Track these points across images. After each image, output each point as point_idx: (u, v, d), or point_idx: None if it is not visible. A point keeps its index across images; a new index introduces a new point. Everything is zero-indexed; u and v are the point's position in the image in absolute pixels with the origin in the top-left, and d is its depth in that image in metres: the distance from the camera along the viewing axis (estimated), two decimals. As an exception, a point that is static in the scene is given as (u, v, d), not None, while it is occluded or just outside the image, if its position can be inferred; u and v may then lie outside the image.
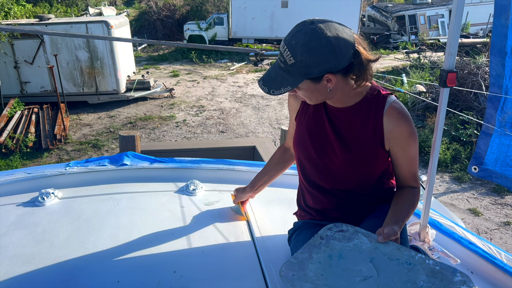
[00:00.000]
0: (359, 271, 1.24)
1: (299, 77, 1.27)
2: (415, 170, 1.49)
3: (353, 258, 1.29)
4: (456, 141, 8.51)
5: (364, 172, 1.48)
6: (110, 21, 11.24)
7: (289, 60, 1.25)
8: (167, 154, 5.54)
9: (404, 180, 1.51)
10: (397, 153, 1.44)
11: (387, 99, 1.40)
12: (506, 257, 1.71)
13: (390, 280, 1.20)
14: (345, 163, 1.46)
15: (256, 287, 1.46)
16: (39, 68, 11.24)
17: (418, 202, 1.51)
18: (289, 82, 1.28)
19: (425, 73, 12.51)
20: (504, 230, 6.11)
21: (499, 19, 1.45)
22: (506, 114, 1.58)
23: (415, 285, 1.18)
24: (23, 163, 8.56)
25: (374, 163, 1.46)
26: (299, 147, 1.57)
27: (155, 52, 19.89)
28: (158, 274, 1.49)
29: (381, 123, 1.40)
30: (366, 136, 1.42)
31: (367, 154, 1.43)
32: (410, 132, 1.39)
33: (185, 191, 2.13)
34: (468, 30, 20.92)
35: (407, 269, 1.23)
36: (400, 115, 1.38)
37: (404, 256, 1.27)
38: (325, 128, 1.48)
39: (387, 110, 1.39)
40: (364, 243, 1.32)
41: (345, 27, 1.28)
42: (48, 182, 2.14)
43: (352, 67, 1.28)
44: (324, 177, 1.53)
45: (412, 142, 1.42)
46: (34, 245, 1.65)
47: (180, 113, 11.38)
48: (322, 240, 1.36)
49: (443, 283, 1.18)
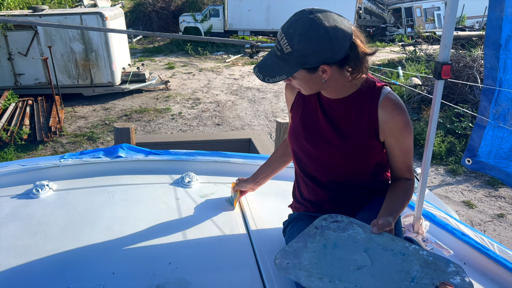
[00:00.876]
0: (353, 260, 1.25)
1: (295, 66, 1.27)
2: (409, 162, 1.50)
3: (348, 247, 1.30)
4: (451, 134, 8.54)
5: (358, 163, 1.48)
6: (105, 12, 11.14)
7: (286, 48, 1.25)
8: (162, 146, 5.54)
9: (398, 171, 1.52)
10: (392, 144, 1.45)
11: (382, 90, 1.40)
12: (499, 248, 1.73)
13: (384, 269, 1.22)
14: (339, 154, 1.47)
15: (251, 278, 1.46)
16: (33, 60, 11.14)
17: (412, 194, 1.52)
18: (285, 71, 1.28)
19: (421, 66, 12.51)
20: (497, 222, 6.16)
21: (493, 12, 1.45)
22: (500, 107, 1.58)
23: (408, 275, 1.19)
24: (17, 155, 8.52)
25: (369, 154, 1.46)
26: (293, 138, 1.58)
27: (150, 44, 19.77)
28: (153, 265, 1.50)
29: (376, 114, 1.40)
30: (360, 127, 1.42)
31: (361, 145, 1.44)
32: (405, 123, 1.39)
33: (180, 183, 2.13)
34: (464, 23, 20.92)
35: (401, 260, 1.24)
36: (395, 106, 1.38)
37: (398, 246, 1.28)
38: (319, 119, 1.49)
39: (382, 101, 1.39)
40: (359, 234, 1.33)
41: (344, 19, 1.28)
42: (42, 174, 2.14)
43: (348, 60, 1.28)
44: (318, 168, 1.54)
45: (407, 134, 1.42)
46: (28, 237, 1.65)
47: (176, 106, 11.34)
48: (317, 230, 1.37)
49: (436, 273, 1.19)
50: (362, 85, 1.41)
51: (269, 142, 6.01)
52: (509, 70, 1.48)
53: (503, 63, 1.48)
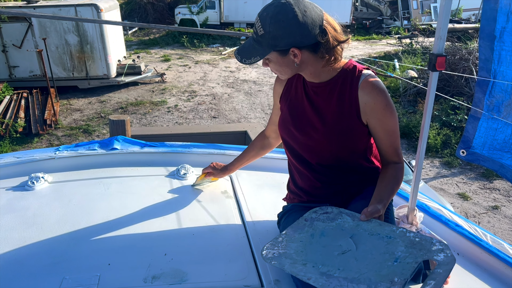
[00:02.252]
0: (338, 246, 1.28)
1: (267, 48, 1.36)
2: (396, 144, 1.52)
3: (334, 235, 1.32)
4: (446, 127, 8.57)
5: (344, 146, 1.50)
6: (100, 4, 11.05)
7: (259, 31, 1.35)
8: (158, 138, 5.52)
9: (386, 155, 1.53)
10: (375, 125, 1.47)
11: (362, 73, 1.45)
12: (492, 239, 1.74)
13: (368, 252, 1.24)
14: (324, 138, 1.50)
15: (246, 269, 1.47)
16: (27, 52, 11.06)
17: (402, 178, 1.53)
18: (259, 52, 1.38)
19: (417, 58, 12.52)
20: (492, 214, 6.21)
21: (488, 3, 1.45)
22: (494, 98, 1.59)
23: (392, 256, 1.21)
24: (13, 148, 8.49)
25: (353, 137, 1.49)
26: (282, 127, 1.62)
27: (146, 36, 19.65)
28: (149, 256, 1.50)
29: (356, 96, 1.44)
30: (342, 109, 1.46)
31: (344, 128, 1.47)
32: (386, 103, 1.42)
33: (176, 176, 2.13)
34: (460, 15, 20.91)
35: (387, 242, 1.26)
36: (374, 87, 1.42)
37: (385, 231, 1.30)
38: (304, 105, 1.53)
39: (362, 83, 1.43)
40: (347, 222, 1.36)
41: (316, 6, 1.37)
42: (37, 166, 2.13)
43: (319, 45, 1.35)
44: (308, 154, 1.56)
45: (389, 114, 1.44)
46: (24, 229, 1.65)
47: (172, 98, 11.31)
48: (306, 222, 1.40)
49: (421, 252, 1.21)
50: (343, 68, 1.46)
51: (265, 135, 6.00)
52: (503, 61, 1.48)
53: (497, 54, 1.49)
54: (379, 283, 1.13)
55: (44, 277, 1.39)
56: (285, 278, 1.43)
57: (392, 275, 1.15)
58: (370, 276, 1.16)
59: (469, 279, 1.59)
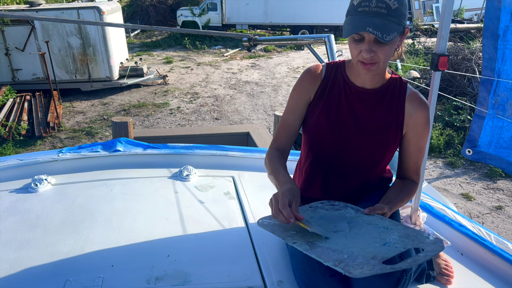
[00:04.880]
0: (334, 226, 1.30)
1: (401, 23, 1.26)
2: (420, 163, 1.52)
3: (333, 219, 1.34)
4: (449, 127, 8.55)
5: (376, 155, 1.48)
6: (102, 7, 11.08)
7: (393, 4, 1.24)
8: (160, 140, 5.53)
9: (407, 171, 1.53)
10: (410, 139, 1.47)
11: (407, 85, 1.46)
12: (496, 239, 1.74)
13: (360, 235, 1.24)
14: (362, 144, 1.45)
15: (249, 270, 1.47)
16: (30, 55, 11.09)
17: (413, 195, 1.54)
18: (395, 28, 1.25)
19: (419, 58, 12.50)
20: (496, 214, 6.19)
21: (491, 2, 1.45)
22: (499, 97, 1.59)
23: (383, 241, 1.21)
24: (16, 151, 8.51)
25: (389, 147, 1.47)
26: (314, 128, 1.50)
27: (148, 38, 19.69)
28: (152, 258, 1.50)
29: (403, 107, 1.44)
30: (389, 119, 1.44)
31: (384, 137, 1.45)
32: (427, 119, 1.44)
33: (179, 177, 2.13)
34: (462, 15, 20.87)
35: (381, 231, 1.26)
36: (421, 101, 1.44)
37: (384, 223, 1.30)
38: (342, 109, 1.46)
39: (409, 95, 1.44)
40: (349, 212, 1.38)
41: None
42: (41, 168, 2.14)
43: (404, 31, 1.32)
44: (336, 158, 1.50)
45: (426, 130, 1.46)
46: (27, 231, 1.65)
47: (174, 100, 11.32)
48: (311, 208, 1.42)
49: (413, 242, 1.20)
50: (391, 78, 1.45)
51: (268, 136, 6.01)
52: (507, 60, 1.48)
53: (501, 53, 1.48)
54: (360, 256, 1.14)
55: (47, 279, 1.39)
56: (288, 279, 1.42)
57: (376, 253, 1.15)
58: (354, 251, 1.17)
59: (473, 279, 1.58)
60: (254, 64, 15.25)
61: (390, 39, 1.23)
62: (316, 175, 1.57)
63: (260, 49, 16.79)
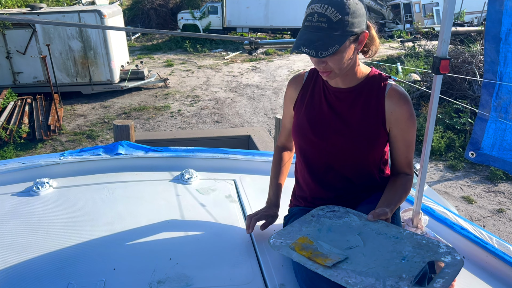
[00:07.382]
0: (346, 241, 1.29)
1: (345, 34, 1.27)
2: (410, 156, 1.52)
3: (342, 231, 1.33)
4: (450, 130, 8.55)
5: (364, 154, 1.49)
6: (103, 10, 11.12)
7: (334, 17, 1.25)
8: (161, 143, 5.53)
9: (399, 165, 1.53)
10: (396, 135, 1.47)
11: (388, 81, 1.45)
12: (498, 242, 1.73)
13: (376, 249, 1.24)
14: (346, 144, 1.47)
15: (251, 274, 1.47)
16: (31, 58, 11.13)
17: (410, 189, 1.54)
18: (337, 41, 1.26)
19: (419, 61, 12.51)
20: (497, 217, 6.18)
21: (493, 5, 1.45)
22: (501, 100, 1.59)
23: (400, 254, 1.22)
24: (17, 154, 8.52)
25: (375, 145, 1.48)
26: (298, 134, 1.57)
27: (149, 41, 19.74)
28: (154, 261, 1.50)
29: (383, 104, 1.43)
30: (368, 116, 1.45)
31: (369, 135, 1.45)
32: (410, 113, 1.43)
33: (180, 180, 2.13)
34: (463, 18, 20.90)
35: (394, 242, 1.27)
36: (401, 96, 1.42)
37: (392, 231, 1.31)
38: (324, 111, 1.50)
39: (389, 91, 1.43)
40: (354, 221, 1.37)
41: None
42: (42, 171, 2.14)
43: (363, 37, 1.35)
44: (326, 161, 1.54)
45: (411, 125, 1.45)
46: (29, 234, 1.65)
47: (175, 103, 11.34)
48: (313, 217, 1.41)
49: (428, 253, 1.21)
50: (368, 76, 1.45)
51: (269, 139, 6.01)
52: (509, 63, 1.48)
53: (503, 56, 1.49)
54: (387, 277, 1.13)
55: (49, 282, 1.39)
56: (290, 282, 1.42)
57: (400, 271, 1.16)
58: (378, 271, 1.16)
59: (475, 283, 1.58)
60: (255, 67, 15.28)
61: (329, 54, 1.25)
62: (312, 174, 1.61)
63: (261, 52, 16.82)
